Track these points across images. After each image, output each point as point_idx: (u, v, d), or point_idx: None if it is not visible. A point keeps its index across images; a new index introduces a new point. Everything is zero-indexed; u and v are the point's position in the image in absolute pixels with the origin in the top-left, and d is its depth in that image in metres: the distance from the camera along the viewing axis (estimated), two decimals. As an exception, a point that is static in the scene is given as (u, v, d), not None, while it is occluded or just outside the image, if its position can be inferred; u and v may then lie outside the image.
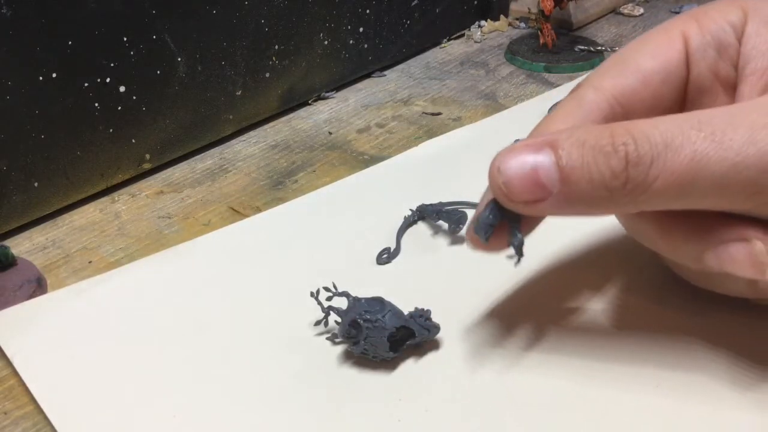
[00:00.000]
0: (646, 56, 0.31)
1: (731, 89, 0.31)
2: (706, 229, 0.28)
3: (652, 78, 0.31)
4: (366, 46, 0.61)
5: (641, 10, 0.75)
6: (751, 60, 0.30)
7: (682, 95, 0.32)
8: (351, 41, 0.60)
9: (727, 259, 0.27)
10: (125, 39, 0.45)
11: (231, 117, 0.54)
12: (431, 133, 0.54)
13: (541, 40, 0.65)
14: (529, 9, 0.71)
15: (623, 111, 0.31)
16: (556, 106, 0.54)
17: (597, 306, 0.36)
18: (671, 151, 0.26)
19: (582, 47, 0.65)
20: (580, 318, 0.35)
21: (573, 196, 0.27)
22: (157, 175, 0.50)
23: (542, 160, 0.27)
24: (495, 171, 0.28)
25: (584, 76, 0.32)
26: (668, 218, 0.29)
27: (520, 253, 0.29)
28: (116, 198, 0.48)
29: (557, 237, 0.41)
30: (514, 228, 0.29)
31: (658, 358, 0.33)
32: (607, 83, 0.31)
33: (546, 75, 0.63)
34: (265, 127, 0.56)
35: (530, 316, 0.36)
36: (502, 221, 0.29)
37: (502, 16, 0.72)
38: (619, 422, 0.30)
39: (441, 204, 0.43)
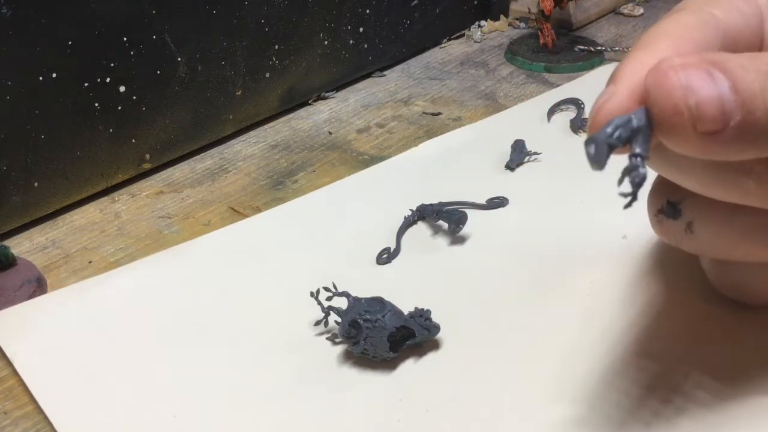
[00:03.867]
0: (741, 3, 0.28)
1: None
2: None
3: (751, 20, 0.28)
4: (366, 46, 0.61)
5: (641, 10, 0.75)
6: None
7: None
8: (351, 41, 0.60)
9: None
10: (125, 39, 0.45)
11: (231, 117, 0.54)
12: (431, 133, 0.54)
13: (541, 40, 0.65)
14: (529, 9, 0.71)
15: (733, 47, 0.27)
16: (556, 108, 0.54)
17: (595, 304, 0.36)
18: None
19: (582, 47, 0.65)
20: (581, 318, 0.35)
21: (748, 128, 0.23)
22: (157, 175, 0.50)
23: (721, 85, 0.23)
24: (680, 88, 0.23)
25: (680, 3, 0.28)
26: None
27: (636, 191, 0.23)
28: (116, 198, 0.48)
29: (561, 236, 0.41)
30: (637, 157, 0.23)
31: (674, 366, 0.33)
32: (718, 12, 0.27)
33: (546, 75, 0.62)
34: (265, 127, 0.56)
35: (530, 315, 0.36)
36: (624, 145, 0.23)
37: (502, 16, 0.72)
38: (619, 415, 0.30)
39: (441, 204, 0.43)
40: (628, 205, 0.23)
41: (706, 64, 0.23)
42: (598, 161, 0.23)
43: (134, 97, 0.47)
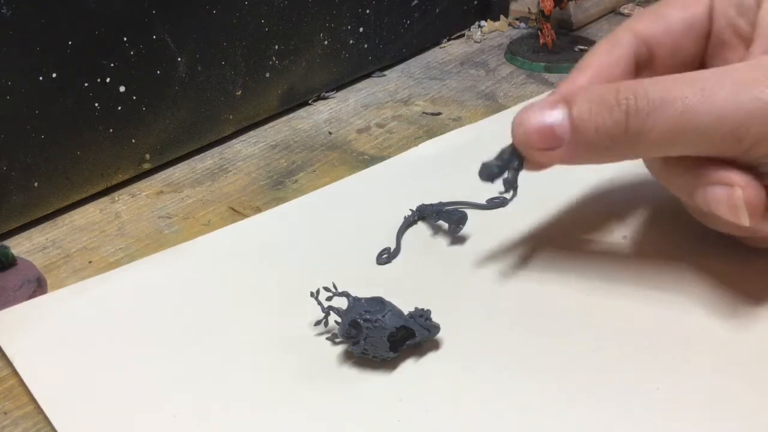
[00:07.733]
0: (676, 7, 0.36)
1: (749, 45, 0.33)
2: (699, 170, 0.31)
3: (675, 28, 0.35)
4: (366, 46, 0.61)
5: (641, 11, 0.75)
6: (764, 22, 0.33)
7: (704, 47, 0.36)
8: (351, 41, 0.60)
9: (712, 199, 0.31)
10: (125, 39, 0.45)
11: (231, 117, 0.54)
12: (431, 133, 0.54)
13: (541, 40, 0.65)
14: (529, 9, 0.71)
15: (649, 54, 0.35)
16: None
17: (595, 304, 0.36)
18: (666, 105, 0.29)
19: (582, 47, 0.65)
20: (581, 318, 0.35)
21: (581, 144, 0.31)
22: (157, 175, 0.50)
23: (557, 114, 0.31)
24: (517, 125, 0.32)
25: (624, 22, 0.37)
26: (671, 156, 0.32)
27: (510, 188, 0.34)
28: (116, 198, 0.48)
29: (560, 236, 0.41)
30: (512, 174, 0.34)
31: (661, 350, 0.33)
32: (639, 27, 0.35)
33: (546, 75, 0.63)
34: (265, 127, 0.56)
35: (530, 316, 0.36)
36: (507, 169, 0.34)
37: (502, 16, 0.72)
38: (618, 416, 0.30)
39: (441, 204, 0.43)
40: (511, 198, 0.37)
41: (557, 99, 0.32)
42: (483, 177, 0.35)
43: (134, 97, 0.47)
